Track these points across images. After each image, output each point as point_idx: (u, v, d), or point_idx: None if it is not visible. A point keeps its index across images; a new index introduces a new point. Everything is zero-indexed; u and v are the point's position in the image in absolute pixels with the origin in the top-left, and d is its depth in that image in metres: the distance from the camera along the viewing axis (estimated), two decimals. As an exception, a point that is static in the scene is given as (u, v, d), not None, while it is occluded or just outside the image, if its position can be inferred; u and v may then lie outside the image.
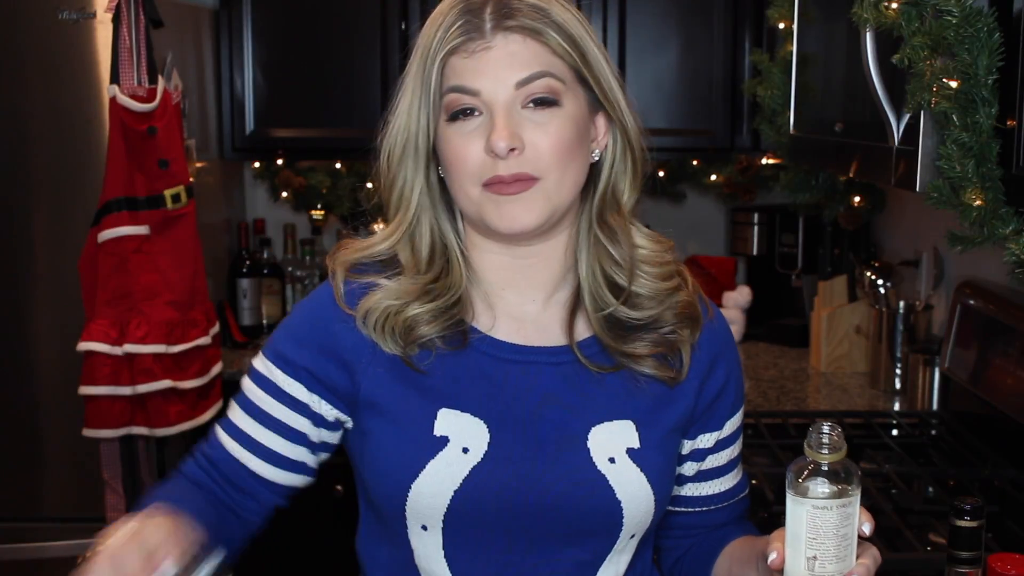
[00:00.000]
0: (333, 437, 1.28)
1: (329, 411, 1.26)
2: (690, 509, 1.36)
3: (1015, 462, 2.13)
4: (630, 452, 1.22)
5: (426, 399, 1.20)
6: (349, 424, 1.27)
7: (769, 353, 3.32)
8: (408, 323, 1.20)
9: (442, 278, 1.22)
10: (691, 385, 1.27)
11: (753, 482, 2.04)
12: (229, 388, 2.92)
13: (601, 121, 1.23)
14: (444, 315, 1.21)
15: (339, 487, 2.79)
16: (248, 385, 1.29)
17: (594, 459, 1.21)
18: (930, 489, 2.10)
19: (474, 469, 1.18)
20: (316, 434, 1.27)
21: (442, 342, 1.21)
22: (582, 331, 1.25)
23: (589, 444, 1.21)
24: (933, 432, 2.44)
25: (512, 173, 1.15)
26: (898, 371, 2.83)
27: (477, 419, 1.20)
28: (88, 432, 2.63)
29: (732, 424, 1.34)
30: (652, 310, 1.24)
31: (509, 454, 1.19)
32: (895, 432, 2.46)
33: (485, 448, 1.19)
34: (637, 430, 1.23)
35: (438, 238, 1.23)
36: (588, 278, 1.25)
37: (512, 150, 1.15)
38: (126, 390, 2.60)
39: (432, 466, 1.18)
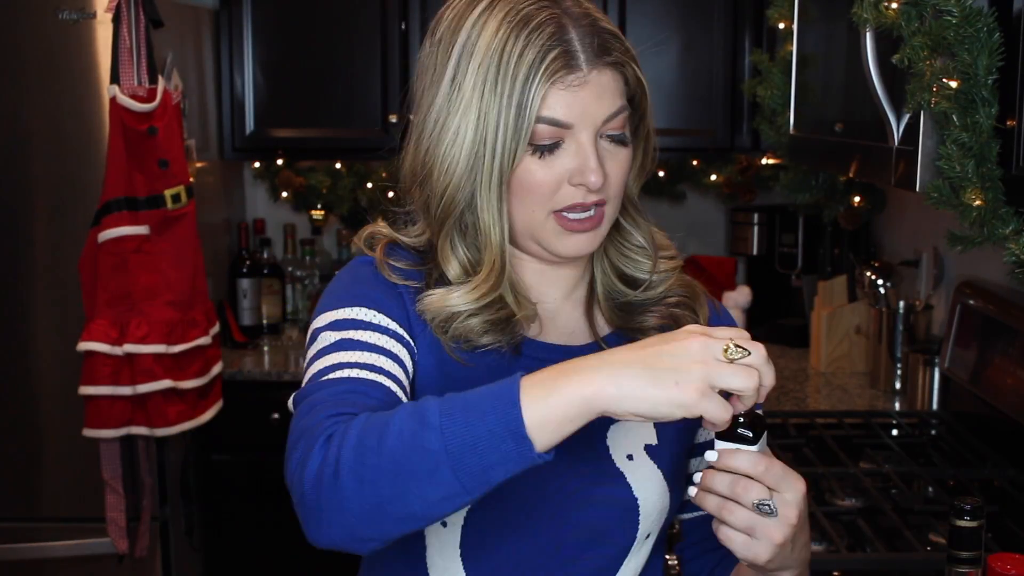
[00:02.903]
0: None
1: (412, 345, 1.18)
2: (698, 513, 1.34)
3: (1015, 462, 2.13)
4: (648, 448, 1.23)
5: (457, 391, 1.19)
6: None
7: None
8: (464, 333, 1.18)
9: (495, 290, 1.19)
10: None
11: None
12: (229, 388, 2.92)
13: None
14: (502, 326, 1.19)
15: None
16: (329, 336, 1.15)
17: (613, 457, 1.21)
18: (930, 489, 2.10)
19: None
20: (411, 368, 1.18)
21: (509, 348, 1.19)
22: (603, 327, 1.27)
23: (608, 442, 1.22)
24: (933, 432, 2.44)
25: (592, 201, 1.16)
26: (898, 371, 2.83)
27: None
28: (88, 432, 2.63)
29: None
30: (661, 286, 1.27)
31: None
32: (895, 432, 2.46)
33: None
34: (655, 425, 1.23)
35: (503, 256, 1.19)
36: (601, 276, 1.27)
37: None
38: (126, 390, 2.60)
39: None
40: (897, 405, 2.76)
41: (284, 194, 3.58)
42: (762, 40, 3.14)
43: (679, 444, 1.26)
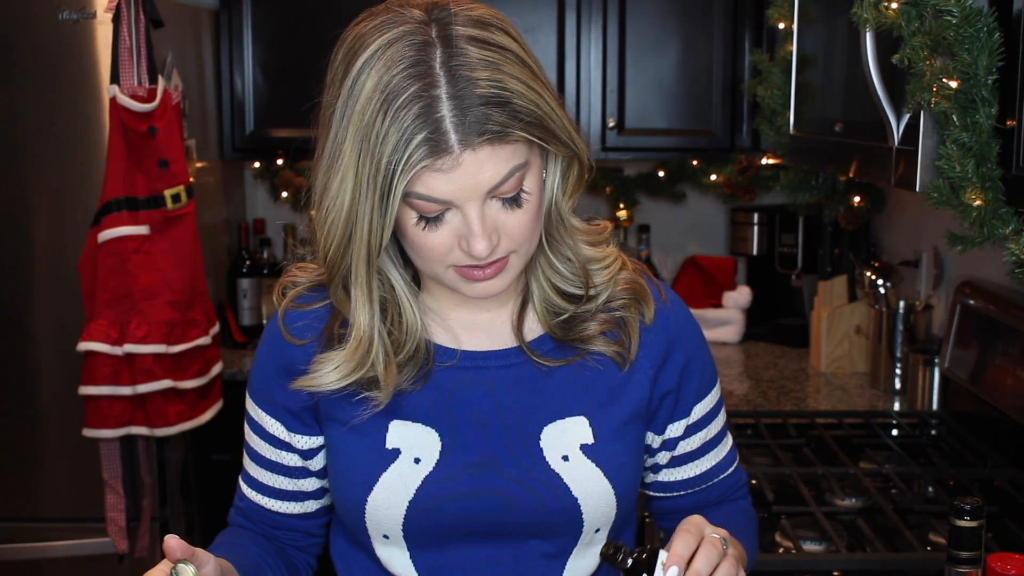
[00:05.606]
0: (325, 459, 1.30)
1: (308, 441, 1.27)
2: (669, 494, 1.37)
3: (1015, 462, 2.13)
4: (584, 448, 1.22)
5: (378, 412, 1.21)
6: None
7: (769, 353, 3.32)
8: (367, 384, 1.20)
9: (396, 325, 1.20)
10: (645, 374, 1.26)
11: (753, 482, 2.04)
12: (229, 388, 2.92)
13: (544, 153, 1.17)
14: (406, 364, 1.20)
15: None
16: (246, 429, 1.31)
17: (547, 459, 1.21)
18: (930, 489, 2.10)
19: (426, 479, 1.19)
20: (312, 464, 1.29)
21: (412, 380, 1.21)
22: (534, 330, 1.25)
23: (542, 444, 1.21)
24: (933, 432, 2.44)
25: (488, 262, 1.13)
26: (898, 371, 2.83)
27: (429, 428, 1.21)
28: (88, 432, 2.63)
29: (702, 408, 1.32)
30: (602, 295, 1.25)
31: (462, 461, 1.20)
32: (895, 432, 2.46)
33: (437, 457, 1.20)
34: (591, 425, 1.23)
35: (388, 294, 1.20)
36: (537, 289, 1.24)
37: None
38: (126, 390, 2.60)
39: (385, 479, 1.19)
40: (897, 405, 2.76)
41: (284, 194, 3.58)
42: (762, 40, 3.14)
43: (621, 441, 1.25)
